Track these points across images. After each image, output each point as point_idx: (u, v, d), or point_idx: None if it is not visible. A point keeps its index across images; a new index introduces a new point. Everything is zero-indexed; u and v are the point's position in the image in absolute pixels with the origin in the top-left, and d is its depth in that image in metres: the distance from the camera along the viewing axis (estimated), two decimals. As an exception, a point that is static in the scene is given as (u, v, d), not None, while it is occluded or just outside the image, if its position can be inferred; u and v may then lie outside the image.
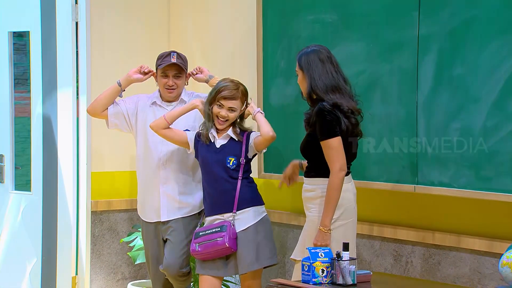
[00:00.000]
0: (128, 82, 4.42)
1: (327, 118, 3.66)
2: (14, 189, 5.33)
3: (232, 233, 4.02)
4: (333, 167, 3.66)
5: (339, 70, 3.78)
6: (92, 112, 4.47)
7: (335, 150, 3.66)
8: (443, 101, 3.87)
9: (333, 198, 3.65)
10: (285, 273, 4.80)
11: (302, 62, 3.78)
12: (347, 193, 3.73)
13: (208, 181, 4.13)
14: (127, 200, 5.46)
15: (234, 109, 4.07)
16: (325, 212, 3.66)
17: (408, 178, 4.01)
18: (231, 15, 5.25)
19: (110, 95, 4.42)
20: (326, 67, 3.75)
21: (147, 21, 5.57)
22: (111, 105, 4.42)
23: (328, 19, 4.38)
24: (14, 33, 5.34)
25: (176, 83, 4.38)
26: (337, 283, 3.41)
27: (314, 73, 3.73)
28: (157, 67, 4.39)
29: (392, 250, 4.28)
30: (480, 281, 3.90)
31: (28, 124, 5.30)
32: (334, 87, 3.72)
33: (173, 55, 4.34)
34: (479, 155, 3.74)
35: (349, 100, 3.73)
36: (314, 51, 3.78)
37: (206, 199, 4.16)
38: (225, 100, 4.06)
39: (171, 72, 4.36)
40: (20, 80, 5.53)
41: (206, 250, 4.05)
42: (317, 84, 3.72)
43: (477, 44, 3.73)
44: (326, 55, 3.77)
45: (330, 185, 3.66)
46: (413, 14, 3.96)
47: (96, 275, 5.40)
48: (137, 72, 4.43)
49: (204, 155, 4.13)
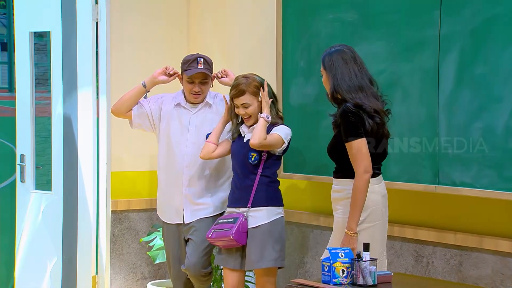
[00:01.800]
0: (153, 83, 4.42)
1: (350, 119, 3.63)
2: (35, 188, 5.35)
3: (242, 227, 4.04)
4: (357, 169, 3.63)
5: (364, 69, 3.75)
6: (116, 112, 4.48)
7: (359, 151, 3.62)
8: (465, 101, 3.84)
9: (358, 201, 3.61)
10: (304, 273, 4.79)
11: (326, 62, 3.76)
12: (374, 194, 3.68)
13: (234, 174, 4.19)
14: (147, 200, 5.47)
15: (246, 104, 4.09)
16: (350, 215, 3.62)
17: (429, 178, 3.99)
18: (250, 14, 5.24)
19: (134, 95, 4.42)
20: (349, 67, 3.71)
21: (167, 20, 5.58)
22: (135, 106, 4.42)
23: (348, 18, 4.36)
24: (34, 33, 5.36)
25: (202, 89, 4.37)
26: (357, 283, 3.38)
27: (337, 73, 3.71)
28: (182, 71, 4.38)
29: (412, 251, 4.25)
30: (502, 283, 3.87)
31: (48, 124, 5.31)
32: (358, 87, 3.68)
33: (199, 61, 4.31)
34: (501, 155, 3.70)
35: (373, 100, 3.69)
36: (337, 51, 3.75)
37: (231, 191, 4.20)
38: (236, 99, 4.11)
39: (198, 79, 4.35)
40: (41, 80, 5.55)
41: (217, 238, 4.10)
42: (339, 84, 3.69)
43: (499, 43, 3.70)
44: (350, 54, 3.74)
45: (354, 188, 3.63)
46: (435, 13, 3.93)
47: (116, 275, 5.42)
48: (162, 73, 4.42)
49: (233, 149, 4.20)
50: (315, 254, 4.74)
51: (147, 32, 5.49)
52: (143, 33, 5.48)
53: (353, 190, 3.63)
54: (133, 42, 5.44)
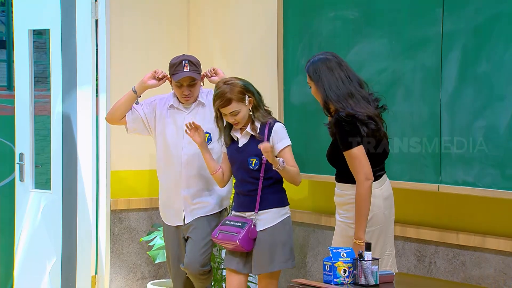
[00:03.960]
0: (143, 88, 4.42)
1: (345, 128, 3.60)
2: (34, 187, 5.33)
3: (251, 233, 3.99)
4: (358, 178, 3.60)
5: (351, 73, 3.69)
6: (110, 120, 4.51)
7: (357, 160, 3.59)
8: (467, 99, 3.81)
9: (363, 209, 3.58)
10: (306, 273, 4.76)
11: (311, 73, 3.71)
12: (374, 199, 3.65)
13: (236, 180, 4.13)
14: (147, 199, 5.44)
15: (235, 112, 3.99)
16: (357, 225, 3.59)
17: (432, 177, 3.96)
18: (251, 12, 5.21)
19: (126, 102, 4.42)
20: (335, 75, 3.66)
21: (167, 19, 5.56)
22: (129, 112, 4.41)
23: (350, 16, 4.33)
24: (34, 31, 5.34)
25: (192, 91, 4.36)
26: (359, 283, 3.36)
27: (324, 83, 3.66)
28: (170, 75, 4.36)
29: (415, 251, 4.23)
30: (505, 283, 3.84)
31: (48, 123, 5.30)
32: (347, 95, 3.63)
33: (185, 64, 4.29)
34: (504, 153, 3.68)
35: (365, 105, 3.64)
36: (320, 60, 3.70)
37: (235, 195, 4.16)
38: (222, 108, 3.99)
39: (185, 82, 4.33)
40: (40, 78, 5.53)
41: (223, 240, 4.06)
42: (328, 95, 3.65)
43: (502, 41, 3.68)
44: (335, 61, 3.69)
45: (357, 196, 3.60)
46: (437, 10, 3.90)
47: (116, 274, 5.39)
48: (152, 78, 4.41)
49: (230, 157, 4.12)
50: (317, 254, 4.72)
51: (147, 30, 5.47)
52: (143, 31, 5.46)
53: (356, 199, 3.61)
54: (133, 40, 5.41)
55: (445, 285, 3.80)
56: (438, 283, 3.83)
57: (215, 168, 4.16)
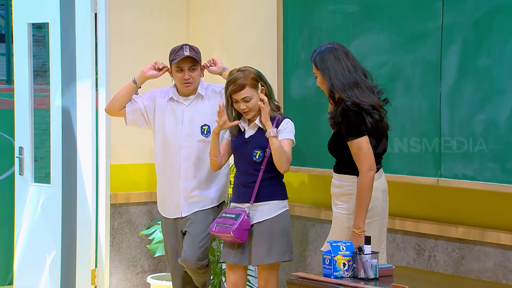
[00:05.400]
0: (143, 79, 4.42)
1: (351, 118, 3.60)
2: (34, 181, 5.33)
3: (244, 224, 4.00)
4: (361, 168, 3.61)
5: (357, 64, 3.71)
6: (110, 111, 4.50)
7: (362, 150, 3.60)
8: (468, 93, 3.81)
9: (365, 199, 3.60)
10: (305, 267, 4.77)
11: (318, 62, 3.71)
12: (374, 191, 3.65)
13: (237, 170, 4.14)
14: (146, 193, 5.44)
15: (247, 98, 4.02)
16: (357, 214, 3.60)
17: (431, 171, 3.96)
18: (251, 6, 5.20)
19: (126, 93, 4.42)
20: (342, 64, 3.67)
21: (167, 12, 5.54)
22: (128, 103, 4.41)
23: (350, 10, 4.32)
24: (33, 24, 5.33)
25: (192, 76, 4.35)
26: (358, 277, 3.36)
27: (331, 72, 3.67)
28: (171, 62, 4.36)
29: (414, 244, 4.23)
30: (505, 276, 3.85)
31: (47, 116, 5.29)
32: (353, 84, 3.64)
33: (185, 48, 4.31)
34: (504, 147, 3.68)
35: (369, 95, 3.66)
36: (328, 49, 3.71)
37: (234, 186, 4.16)
38: (235, 93, 4.01)
39: (186, 65, 4.33)
40: (39, 72, 5.52)
41: (219, 232, 4.07)
42: (334, 83, 3.65)
43: (502, 35, 3.67)
44: (342, 50, 3.71)
45: (360, 187, 3.61)
46: (437, 4, 3.90)
47: (116, 268, 5.39)
48: (152, 68, 4.41)
49: (235, 147, 4.13)
50: (316, 248, 4.72)
51: (147, 23, 5.46)
52: (142, 24, 5.45)
53: (358, 189, 3.61)
54: (132, 33, 5.40)
55: (445, 278, 3.80)
56: (437, 277, 3.83)
57: (217, 155, 4.16)
